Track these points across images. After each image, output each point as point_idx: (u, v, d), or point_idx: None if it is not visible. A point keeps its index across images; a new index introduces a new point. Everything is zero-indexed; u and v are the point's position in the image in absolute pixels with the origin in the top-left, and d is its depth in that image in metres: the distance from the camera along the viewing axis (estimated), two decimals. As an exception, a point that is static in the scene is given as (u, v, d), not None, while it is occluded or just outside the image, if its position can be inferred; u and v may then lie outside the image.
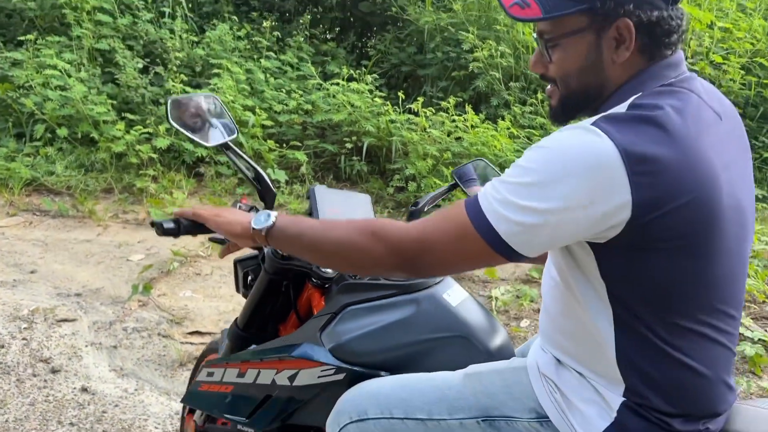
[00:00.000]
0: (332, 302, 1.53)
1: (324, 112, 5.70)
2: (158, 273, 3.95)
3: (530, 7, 1.05)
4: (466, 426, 1.25)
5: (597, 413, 1.13)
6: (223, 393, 1.66)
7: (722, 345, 1.11)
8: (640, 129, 0.97)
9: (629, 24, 1.04)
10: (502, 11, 6.11)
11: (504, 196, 1.01)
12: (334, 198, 1.75)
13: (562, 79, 1.14)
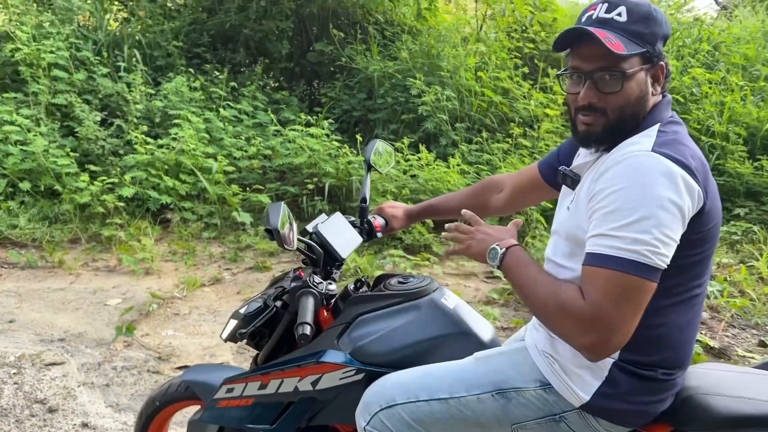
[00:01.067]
0: (344, 314, 1.76)
1: (284, 156, 5.97)
2: (138, 315, 4.06)
3: (615, 44, 1.30)
4: (483, 400, 1.51)
5: (591, 375, 1.42)
6: (244, 406, 1.81)
7: (698, 309, 1.44)
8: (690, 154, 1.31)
9: (664, 66, 1.39)
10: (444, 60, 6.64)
11: (640, 236, 1.21)
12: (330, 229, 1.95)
13: (618, 110, 1.36)
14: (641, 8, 1.35)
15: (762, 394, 1.42)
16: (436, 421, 1.52)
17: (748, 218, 5.65)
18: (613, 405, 1.41)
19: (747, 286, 4.43)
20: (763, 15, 9.39)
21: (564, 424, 1.47)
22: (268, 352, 1.84)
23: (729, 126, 6.38)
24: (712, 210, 1.33)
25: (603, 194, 1.28)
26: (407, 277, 1.83)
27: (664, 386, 1.42)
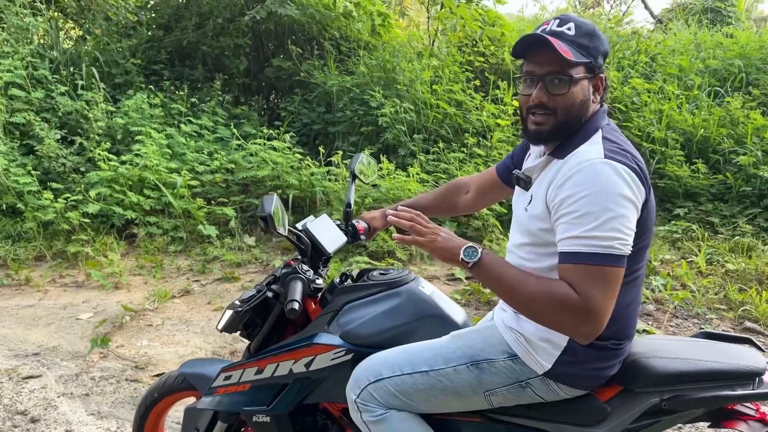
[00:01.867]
0: (333, 303, 1.96)
1: (247, 170, 6.10)
2: (111, 327, 4.13)
3: (565, 51, 1.52)
4: (459, 371, 1.71)
5: (552, 347, 1.63)
6: (241, 391, 1.99)
7: (638, 289, 1.67)
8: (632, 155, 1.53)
9: (603, 78, 1.63)
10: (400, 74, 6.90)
11: (608, 233, 1.43)
12: (318, 227, 2.15)
13: (565, 110, 1.57)
14: (587, 26, 1.60)
15: (694, 356, 1.67)
16: (419, 391, 1.71)
17: (687, 218, 6.06)
18: (571, 371, 1.63)
19: (688, 279, 4.78)
20: (695, 28, 10.00)
21: (529, 389, 1.68)
22: (261, 341, 2.01)
23: (667, 132, 6.82)
24: (651, 203, 1.58)
25: (571, 200, 1.49)
26: (387, 269, 2.04)
27: (614, 354, 1.65)
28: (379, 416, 1.73)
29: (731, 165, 6.47)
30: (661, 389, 1.64)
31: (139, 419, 2.29)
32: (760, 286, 4.62)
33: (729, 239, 5.53)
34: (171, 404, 2.30)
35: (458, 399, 1.73)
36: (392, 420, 1.73)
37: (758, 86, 7.79)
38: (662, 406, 1.63)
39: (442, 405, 1.75)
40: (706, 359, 1.67)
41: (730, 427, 1.68)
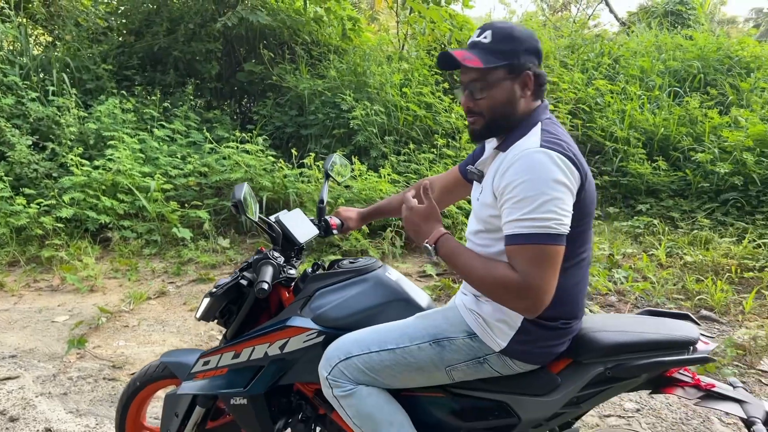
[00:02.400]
0: (305, 290, 2.08)
1: (220, 173, 6.18)
2: (88, 329, 4.19)
3: (474, 60, 1.66)
4: (422, 348, 1.84)
5: (507, 327, 1.77)
6: (219, 375, 2.10)
7: (584, 271, 1.81)
8: (568, 145, 1.66)
9: (530, 75, 1.74)
10: (370, 77, 7.03)
11: (544, 215, 1.55)
12: (290, 219, 2.28)
13: (489, 111, 1.71)
14: (503, 30, 1.73)
15: (635, 329, 1.83)
16: (385, 367, 1.84)
17: (649, 213, 6.29)
18: (525, 349, 1.77)
19: (648, 271, 4.98)
20: (656, 30, 10.31)
21: (487, 364, 1.81)
22: (237, 328, 2.12)
23: (630, 131, 7.06)
24: (589, 190, 1.72)
25: (511, 187, 1.63)
26: (356, 258, 2.17)
27: (564, 333, 1.79)
28: (349, 391, 1.85)
29: (690, 162, 6.72)
30: (606, 360, 1.78)
31: (121, 408, 2.38)
32: (716, 276, 4.84)
33: (688, 233, 5.75)
34: (153, 392, 2.40)
35: (422, 374, 1.85)
36: (361, 394, 1.85)
37: (715, 86, 8.08)
38: (606, 375, 1.77)
39: (407, 380, 1.87)
40: (647, 332, 1.82)
41: (669, 392, 1.83)
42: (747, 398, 1.76)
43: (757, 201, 6.10)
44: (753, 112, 7.13)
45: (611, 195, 6.83)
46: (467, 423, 1.90)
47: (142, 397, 2.39)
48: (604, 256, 5.35)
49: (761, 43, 8.99)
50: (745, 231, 5.62)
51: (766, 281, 4.73)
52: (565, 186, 1.59)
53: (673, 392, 1.81)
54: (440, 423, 1.93)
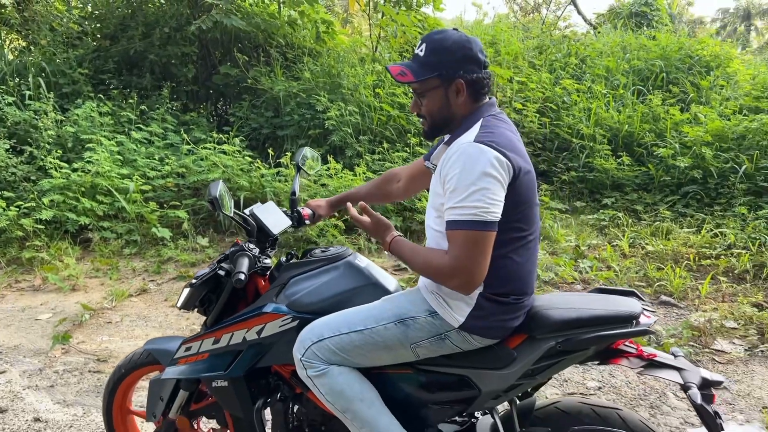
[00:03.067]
0: (280, 278, 2.23)
1: (198, 173, 6.30)
2: (72, 325, 4.30)
3: (406, 75, 1.87)
4: (389, 328, 2.01)
5: (464, 304, 1.95)
6: (200, 360, 2.25)
7: (532, 251, 2.00)
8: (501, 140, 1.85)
9: (462, 82, 1.93)
10: (344, 78, 7.20)
11: (474, 203, 1.73)
12: (263, 211, 2.44)
13: (429, 115, 1.94)
14: (436, 42, 1.91)
15: (584, 306, 2.01)
16: (355, 347, 2.00)
17: (614, 207, 6.56)
18: (482, 324, 1.95)
19: (612, 261, 5.23)
20: (621, 31, 10.64)
21: (448, 340, 1.99)
22: (216, 316, 2.27)
23: (595, 129, 7.33)
24: (524, 179, 1.90)
25: (447, 178, 1.83)
26: (327, 247, 2.33)
27: (516, 308, 1.97)
28: (322, 371, 2.00)
29: (653, 157, 7.00)
30: (557, 334, 1.96)
31: (108, 394, 2.52)
32: (675, 264, 5.10)
33: (651, 224, 6.02)
34: (137, 379, 2.54)
35: (389, 352, 2.01)
36: (333, 374, 2.01)
37: (677, 84, 8.40)
38: (557, 348, 1.95)
39: (375, 359, 2.03)
40: (594, 308, 2.00)
41: (615, 362, 2.01)
42: (685, 366, 1.94)
43: (715, 193, 6.40)
44: (712, 108, 7.45)
45: (578, 190, 7.09)
46: (433, 396, 2.06)
47: (127, 383, 2.52)
48: (570, 247, 5.59)
49: (720, 43, 9.34)
50: (704, 221, 5.90)
51: (721, 268, 5.00)
52: (494, 177, 1.76)
53: (619, 362, 1.98)
54: (408, 397, 2.08)
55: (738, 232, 5.49)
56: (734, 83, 8.36)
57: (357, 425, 1.98)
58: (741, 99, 7.60)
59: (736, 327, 4.18)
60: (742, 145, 6.59)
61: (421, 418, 2.10)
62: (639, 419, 2.00)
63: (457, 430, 2.22)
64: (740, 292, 4.63)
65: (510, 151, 1.83)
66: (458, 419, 2.24)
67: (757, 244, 5.21)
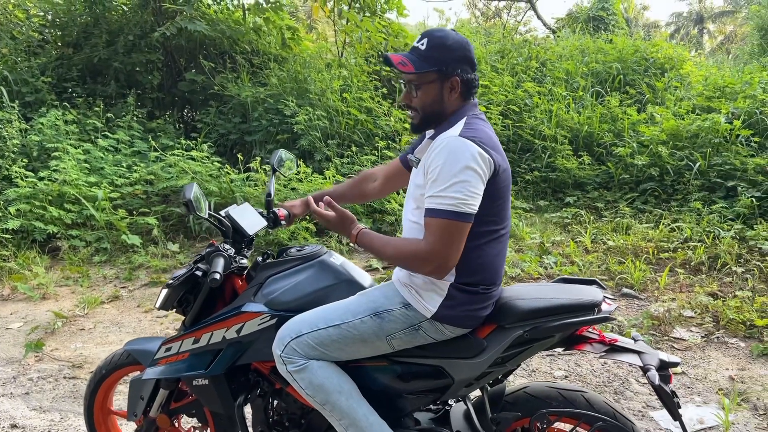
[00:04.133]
0: (257, 278, 2.30)
1: (166, 180, 6.31)
2: (44, 333, 4.29)
3: (407, 66, 1.94)
4: (364, 321, 2.09)
5: (436, 294, 2.05)
6: (181, 360, 2.29)
7: (503, 245, 2.12)
8: (483, 137, 1.96)
9: (458, 80, 2.03)
10: (311, 84, 7.29)
11: (455, 194, 1.83)
12: (239, 212, 2.51)
13: (421, 107, 2.00)
14: (438, 40, 2.02)
15: (549, 295, 2.13)
16: (333, 342, 2.09)
17: (576, 205, 6.77)
18: (453, 314, 2.05)
19: (575, 256, 5.42)
20: (579, 35, 10.95)
21: (422, 331, 2.09)
22: (194, 316, 2.32)
23: (557, 130, 7.55)
24: (502, 176, 2.02)
25: (430, 169, 1.93)
26: (303, 246, 2.41)
27: (485, 297, 2.08)
28: (301, 366, 2.07)
29: (612, 156, 7.25)
30: (524, 323, 2.07)
31: (89, 395, 2.56)
32: (635, 258, 5.31)
33: (611, 221, 6.24)
34: (118, 379, 2.58)
35: (365, 345, 2.10)
36: (312, 368, 2.08)
37: (633, 86, 8.70)
38: (525, 337, 2.06)
39: (353, 352, 2.11)
40: (558, 297, 2.13)
41: (579, 348, 2.13)
42: (644, 349, 2.07)
43: (671, 189, 6.66)
44: (667, 108, 7.74)
45: (542, 189, 7.29)
46: (408, 386, 2.15)
47: (108, 383, 2.57)
48: (535, 244, 5.76)
49: (673, 46, 9.70)
50: (662, 217, 6.15)
51: (679, 260, 5.23)
52: (475, 171, 1.87)
53: (583, 348, 2.10)
54: (385, 388, 2.16)
55: (693, 226, 5.74)
56: (687, 84, 8.70)
57: (336, 416, 2.05)
58: (694, 99, 7.91)
59: (693, 316, 4.39)
60: (695, 143, 6.87)
61: (398, 407, 2.18)
62: (603, 400, 2.13)
63: (432, 417, 2.32)
64: (696, 282, 4.85)
65: (491, 149, 1.94)
66: (432, 407, 2.35)
67: (712, 237, 5.45)
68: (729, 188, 6.28)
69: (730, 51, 18.68)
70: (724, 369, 3.76)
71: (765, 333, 4.08)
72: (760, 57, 10.78)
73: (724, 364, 3.81)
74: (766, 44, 11.51)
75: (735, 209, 5.89)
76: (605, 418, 2.05)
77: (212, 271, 2.07)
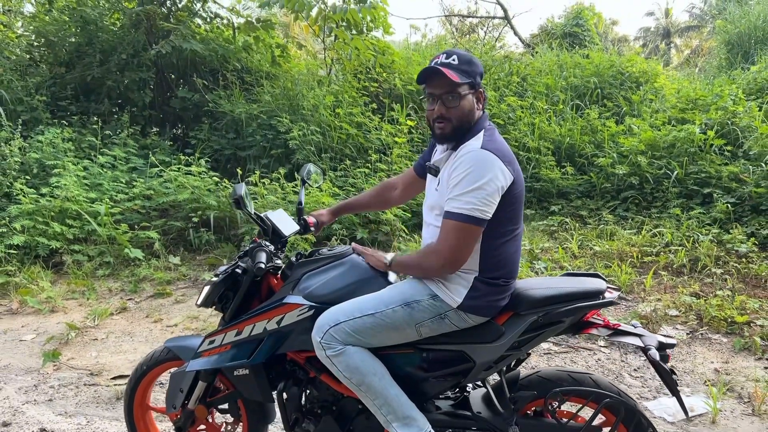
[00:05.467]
0: (293, 275, 2.51)
1: (165, 195, 6.46)
2: (58, 344, 4.41)
3: (453, 76, 2.12)
4: (396, 310, 2.30)
5: (462, 287, 2.27)
6: (224, 351, 2.48)
7: (518, 243, 2.35)
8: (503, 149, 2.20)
9: (482, 92, 2.28)
10: (304, 100, 7.51)
11: (473, 200, 2.06)
12: (276, 216, 2.73)
13: (458, 118, 2.17)
14: (466, 56, 2.27)
15: (559, 285, 2.37)
16: (368, 329, 2.30)
17: (561, 213, 7.06)
18: (476, 303, 2.27)
19: (564, 261, 5.68)
20: (557, 51, 11.34)
21: (447, 320, 2.30)
22: (233, 312, 2.52)
23: (540, 142, 7.85)
24: (518, 182, 2.26)
25: (455, 175, 2.16)
26: (333, 247, 2.63)
27: (504, 289, 2.31)
28: (339, 350, 2.28)
29: (593, 166, 7.57)
30: (537, 310, 2.30)
31: (129, 391, 2.73)
32: (621, 262, 5.59)
33: (596, 228, 6.53)
34: (158, 375, 2.75)
35: (396, 332, 2.31)
36: (349, 353, 2.29)
37: (611, 99, 9.08)
38: (539, 322, 2.30)
39: (385, 338, 2.32)
40: (567, 286, 2.37)
41: (587, 332, 2.38)
42: (644, 333, 2.32)
43: (651, 197, 6.99)
44: (643, 120, 8.10)
45: (527, 199, 7.57)
46: (433, 372, 2.37)
47: (148, 380, 2.74)
48: (525, 251, 6.02)
49: (647, 60, 10.12)
50: (643, 223, 6.45)
51: (662, 263, 5.52)
52: (494, 183, 2.10)
53: (590, 332, 2.35)
54: (411, 374, 2.37)
55: (674, 231, 6.05)
56: (662, 97, 9.09)
57: (371, 396, 2.27)
58: (669, 111, 8.28)
59: (678, 314, 4.67)
60: (672, 152, 7.21)
61: (422, 392, 2.39)
62: (608, 381, 2.37)
63: (452, 404, 2.54)
64: (679, 284, 5.14)
65: (510, 161, 2.18)
66: (451, 395, 2.57)
67: (691, 241, 5.77)
68: (705, 195, 6.62)
69: (697, 64, 19.35)
70: (709, 362, 4.03)
71: (745, 329, 4.37)
72: (727, 70, 11.28)
73: (709, 358, 4.09)
74: (733, 58, 12.04)
75: (712, 215, 6.22)
76: (611, 394, 2.28)
77: (257, 261, 2.30)
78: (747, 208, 6.25)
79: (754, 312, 4.54)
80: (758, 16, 12.08)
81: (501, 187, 2.12)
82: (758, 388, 3.61)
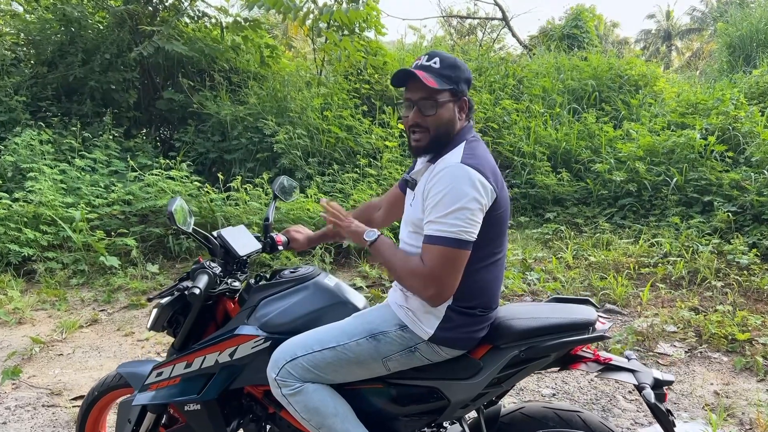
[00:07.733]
0: (250, 300, 2.27)
1: (145, 200, 6.22)
2: (21, 359, 4.17)
3: (430, 81, 1.90)
4: (360, 343, 2.07)
5: (433, 317, 2.04)
6: (173, 384, 2.26)
7: (500, 269, 2.12)
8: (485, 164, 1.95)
9: (466, 100, 2.04)
10: (291, 102, 7.28)
11: (457, 222, 1.82)
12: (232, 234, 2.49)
13: (435, 127, 1.95)
14: (450, 60, 2.03)
15: (543, 315, 2.13)
16: (328, 364, 2.06)
17: (556, 220, 6.83)
18: (450, 336, 2.04)
19: (558, 272, 5.45)
20: (554, 53, 11.12)
21: (417, 353, 2.07)
22: (183, 338, 2.28)
23: (535, 146, 7.63)
24: (502, 200, 2.02)
25: (431, 194, 1.92)
26: (296, 267, 2.38)
27: (482, 320, 2.08)
28: (296, 389, 2.04)
29: (590, 172, 7.34)
30: (519, 343, 2.07)
31: (81, 417, 2.51)
32: (617, 273, 5.36)
33: (592, 236, 6.30)
34: (111, 401, 2.53)
35: (361, 367, 2.08)
36: (308, 391, 2.06)
37: (609, 103, 8.85)
38: (521, 357, 2.06)
39: (348, 374, 2.09)
40: (553, 317, 2.13)
41: (574, 368, 2.14)
42: (638, 368, 2.08)
43: (649, 205, 6.76)
44: (642, 125, 7.88)
45: (521, 206, 7.35)
46: (404, 408, 2.13)
47: (100, 406, 2.52)
48: (518, 261, 5.79)
49: (647, 63, 9.90)
50: (641, 232, 6.23)
51: (659, 275, 5.29)
52: (476, 200, 1.87)
53: (578, 367, 2.11)
54: (380, 411, 2.14)
55: (672, 240, 5.82)
56: (661, 101, 8.87)
57: None
58: (668, 115, 8.06)
59: (676, 330, 4.44)
60: (671, 158, 6.99)
61: (393, 430, 2.17)
62: (599, 420, 2.13)
63: (427, 441, 2.30)
64: (678, 297, 4.91)
65: (492, 177, 1.94)
66: (427, 430, 2.33)
67: (690, 252, 5.53)
68: (705, 203, 6.39)
69: (698, 67, 19.14)
70: (708, 384, 3.80)
71: (747, 347, 4.14)
72: (729, 74, 11.06)
73: (708, 379, 3.85)
74: (734, 61, 11.81)
75: (712, 224, 6.00)
76: (602, 439, 2.05)
77: (193, 286, 2.04)
78: (748, 217, 6.02)
79: (756, 329, 4.31)
80: (760, 19, 11.86)
81: (484, 205, 1.89)
82: (761, 414, 3.37)
